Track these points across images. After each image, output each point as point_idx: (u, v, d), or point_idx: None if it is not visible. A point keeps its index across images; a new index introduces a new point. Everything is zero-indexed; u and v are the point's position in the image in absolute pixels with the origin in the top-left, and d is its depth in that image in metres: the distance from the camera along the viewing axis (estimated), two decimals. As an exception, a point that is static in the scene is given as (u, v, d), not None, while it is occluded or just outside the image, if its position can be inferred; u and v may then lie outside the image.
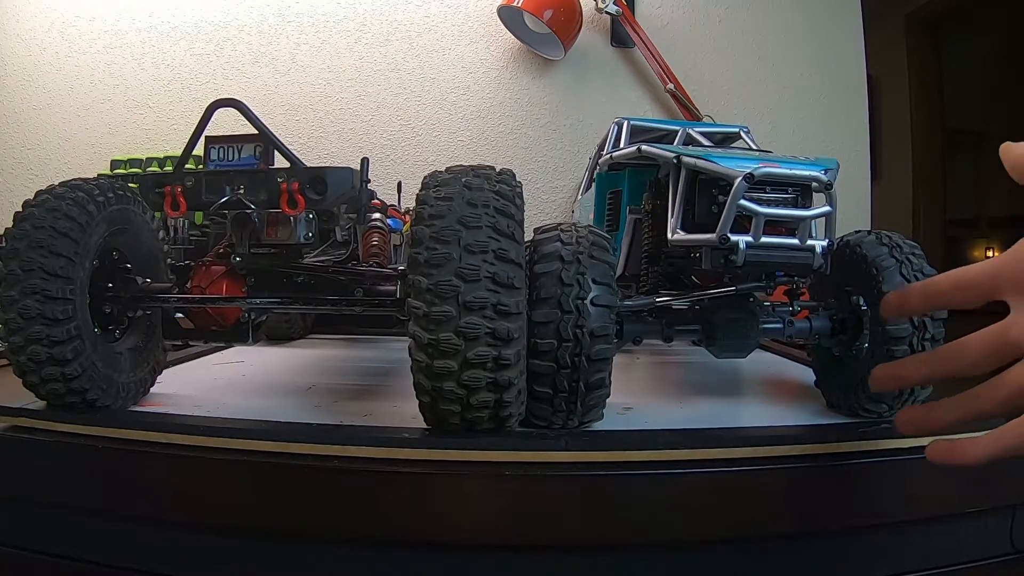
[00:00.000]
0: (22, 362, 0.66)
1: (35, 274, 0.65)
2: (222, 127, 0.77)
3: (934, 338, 0.70)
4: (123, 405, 0.74)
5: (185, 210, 0.74)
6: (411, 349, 0.59)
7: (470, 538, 0.61)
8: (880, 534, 0.66)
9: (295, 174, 0.73)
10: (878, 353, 0.71)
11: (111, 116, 1.66)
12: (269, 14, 1.64)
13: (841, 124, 1.66)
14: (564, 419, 0.67)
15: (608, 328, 0.65)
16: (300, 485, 0.63)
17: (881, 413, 0.74)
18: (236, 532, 0.65)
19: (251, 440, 0.65)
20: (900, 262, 0.71)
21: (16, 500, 0.69)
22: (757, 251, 0.67)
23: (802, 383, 0.98)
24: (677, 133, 1.04)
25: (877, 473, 0.65)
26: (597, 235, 0.69)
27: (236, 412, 0.76)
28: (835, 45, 1.66)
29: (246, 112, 0.76)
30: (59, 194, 0.69)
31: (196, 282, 0.81)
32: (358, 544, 0.63)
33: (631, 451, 0.64)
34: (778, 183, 0.70)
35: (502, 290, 0.58)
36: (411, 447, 0.62)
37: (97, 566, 0.67)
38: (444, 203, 0.60)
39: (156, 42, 1.65)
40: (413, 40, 1.64)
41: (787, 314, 0.78)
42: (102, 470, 0.66)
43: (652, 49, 1.56)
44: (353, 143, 1.64)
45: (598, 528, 0.61)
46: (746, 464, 0.63)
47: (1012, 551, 0.69)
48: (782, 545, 0.65)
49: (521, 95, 1.64)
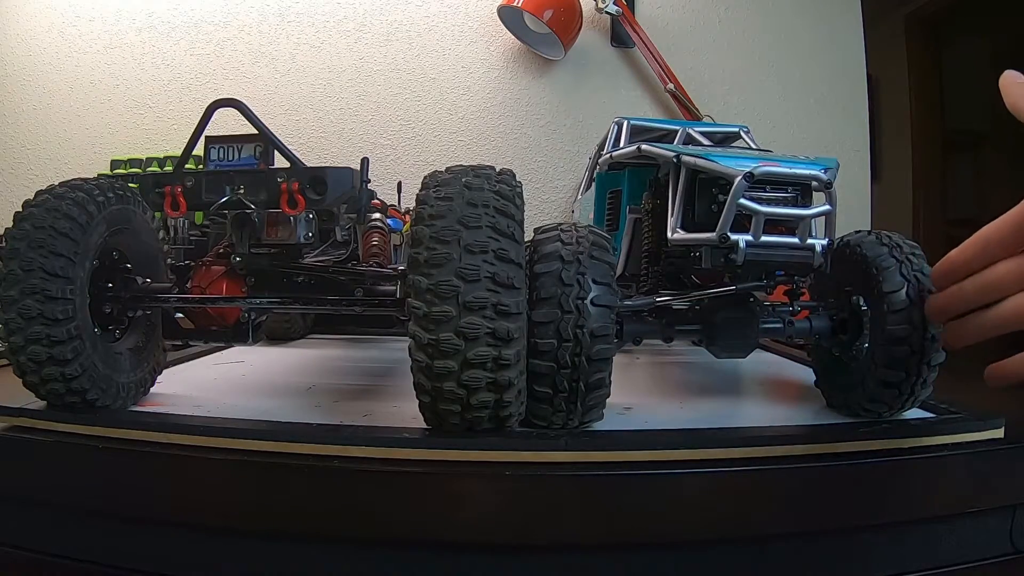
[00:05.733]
0: (22, 362, 0.66)
1: (35, 274, 0.65)
2: (222, 127, 0.77)
3: (934, 338, 0.70)
4: (123, 405, 0.74)
5: (185, 210, 0.74)
6: (411, 349, 0.59)
7: (470, 538, 0.61)
8: (880, 534, 0.66)
9: (295, 174, 0.73)
10: (878, 353, 0.71)
11: (111, 116, 1.66)
12: (269, 14, 1.65)
13: (841, 124, 1.66)
14: (564, 419, 0.67)
15: (608, 328, 0.65)
16: (300, 485, 0.63)
17: (881, 413, 0.74)
18: (236, 532, 0.65)
19: (251, 440, 0.65)
20: (900, 262, 0.71)
21: (16, 500, 0.69)
22: (757, 250, 0.67)
23: (802, 383, 0.98)
24: (677, 133, 1.04)
25: (877, 473, 0.65)
26: (597, 235, 0.69)
27: (236, 412, 0.76)
28: (835, 45, 1.66)
29: (246, 112, 0.76)
30: (59, 194, 0.69)
31: (196, 282, 0.81)
32: (358, 544, 0.63)
33: (631, 451, 0.64)
34: (778, 182, 0.70)
35: (502, 290, 0.58)
36: (411, 447, 0.62)
37: (97, 566, 0.67)
38: (444, 203, 0.60)
39: (156, 42, 1.65)
40: (413, 40, 1.64)
41: (787, 314, 0.78)
42: (102, 470, 0.66)
43: (652, 49, 1.56)
44: (353, 143, 1.64)
45: (598, 528, 0.61)
46: (746, 464, 0.63)
47: (1012, 551, 0.69)
48: (782, 545, 0.65)
49: (521, 95, 1.64)
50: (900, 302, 0.69)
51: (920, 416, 0.75)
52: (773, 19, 1.66)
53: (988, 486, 0.68)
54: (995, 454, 0.69)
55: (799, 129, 1.65)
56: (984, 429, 0.70)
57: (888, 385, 0.71)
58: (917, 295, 0.69)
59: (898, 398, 0.72)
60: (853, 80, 1.66)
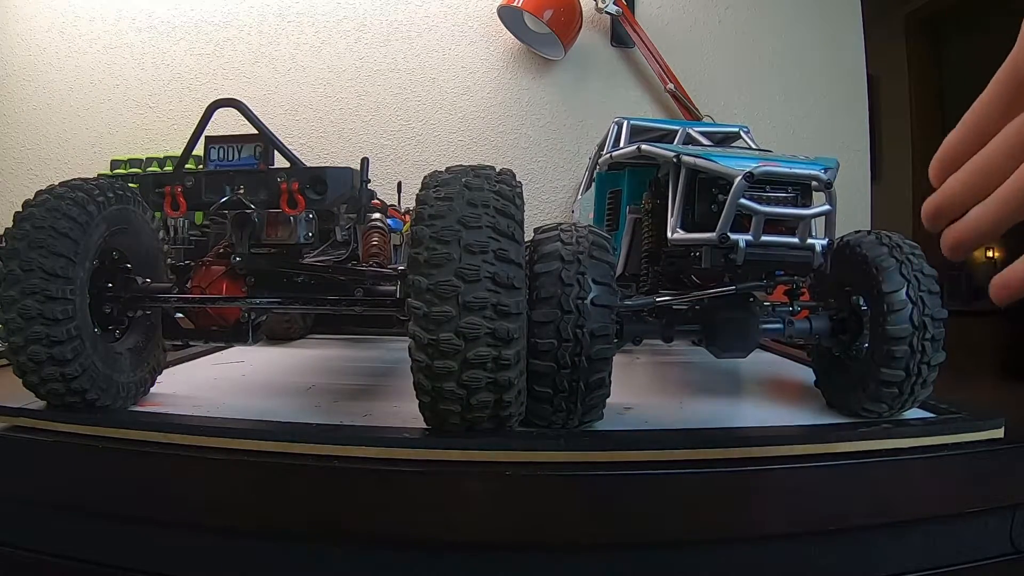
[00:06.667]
0: (22, 362, 0.66)
1: (35, 274, 0.65)
2: (222, 127, 0.77)
3: (934, 338, 0.70)
4: (123, 405, 0.74)
5: (185, 210, 0.74)
6: (411, 349, 0.59)
7: (470, 538, 0.61)
8: (880, 534, 0.66)
9: (295, 174, 0.73)
10: (878, 353, 0.71)
11: (111, 116, 1.66)
12: (269, 14, 1.64)
13: (841, 124, 1.66)
14: (564, 419, 0.67)
15: (608, 328, 0.65)
16: (300, 485, 0.63)
17: (881, 413, 0.74)
18: (236, 532, 0.65)
19: (251, 440, 0.65)
20: (900, 262, 0.71)
21: (16, 500, 0.69)
22: (757, 250, 0.67)
23: (802, 383, 0.98)
24: (677, 133, 1.04)
25: (877, 473, 0.65)
26: (597, 235, 0.69)
27: (236, 412, 0.76)
28: (835, 45, 1.66)
29: (246, 112, 0.76)
30: (59, 194, 0.69)
31: (196, 282, 0.81)
32: (358, 544, 0.63)
33: (631, 451, 0.64)
34: (778, 182, 0.70)
35: (502, 290, 0.58)
36: (411, 447, 0.62)
37: (97, 566, 0.67)
38: (444, 203, 0.60)
39: (156, 42, 1.65)
40: (413, 40, 1.64)
41: (787, 314, 0.78)
42: (102, 470, 0.66)
43: (652, 49, 1.56)
44: (353, 143, 1.64)
45: (597, 528, 0.61)
46: (746, 464, 0.63)
47: (1012, 551, 0.69)
48: (782, 545, 0.65)
49: (521, 95, 1.64)
50: (900, 302, 0.69)
51: (920, 416, 0.75)
52: (773, 19, 1.66)
53: (988, 486, 0.68)
54: (995, 454, 0.69)
55: (799, 129, 1.65)
56: (984, 429, 0.70)
57: (888, 385, 0.71)
58: (917, 295, 0.69)
59: (898, 398, 0.72)
60: (853, 80, 1.66)
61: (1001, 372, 1.35)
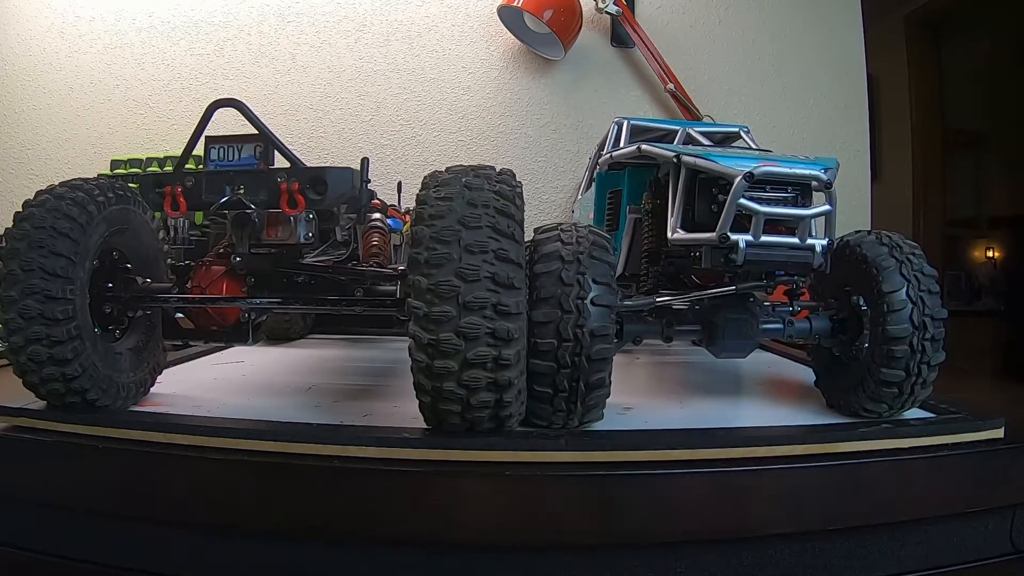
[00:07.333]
0: (22, 362, 0.66)
1: (35, 274, 0.65)
2: (222, 127, 0.77)
3: (934, 338, 0.70)
4: (123, 405, 0.74)
5: (185, 210, 0.74)
6: (411, 349, 0.59)
7: (470, 538, 0.61)
8: (880, 534, 0.66)
9: (295, 174, 0.73)
10: (878, 353, 0.71)
11: (111, 116, 1.66)
12: (269, 14, 1.65)
13: (841, 124, 1.66)
14: (564, 419, 0.67)
15: (608, 328, 0.65)
16: (300, 485, 0.63)
17: (881, 413, 0.74)
18: (236, 532, 0.65)
19: (251, 440, 0.65)
20: (900, 262, 0.71)
21: (16, 500, 0.69)
22: (757, 250, 0.67)
23: (802, 383, 0.98)
24: (677, 133, 1.05)
25: (877, 473, 0.65)
26: (597, 235, 0.69)
27: (236, 412, 0.76)
28: (835, 45, 1.66)
29: (246, 112, 0.76)
30: (59, 194, 0.69)
31: (196, 282, 0.81)
32: (358, 544, 0.63)
33: (631, 451, 0.64)
34: (778, 182, 0.70)
35: (502, 290, 0.58)
36: (411, 447, 0.62)
37: (97, 566, 0.67)
38: (444, 203, 0.60)
39: (156, 42, 1.65)
40: (413, 40, 1.64)
41: (787, 314, 0.78)
42: (102, 470, 0.66)
43: (652, 49, 1.56)
44: (353, 143, 1.64)
45: (598, 528, 0.61)
46: (746, 464, 0.63)
47: (1012, 551, 0.69)
48: (782, 545, 0.65)
49: (521, 95, 1.64)
50: (900, 302, 0.69)
51: (920, 416, 0.75)
52: (773, 19, 1.66)
53: (988, 486, 0.68)
54: (995, 454, 0.69)
55: (799, 129, 1.65)
56: (984, 429, 0.70)
57: (888, 385, 0.71)
58: (917, 295, 0.69)
59: (898, 398, 0.72)
60: (853, 80, 1.66)
61: (1001, 372, 1.35)
